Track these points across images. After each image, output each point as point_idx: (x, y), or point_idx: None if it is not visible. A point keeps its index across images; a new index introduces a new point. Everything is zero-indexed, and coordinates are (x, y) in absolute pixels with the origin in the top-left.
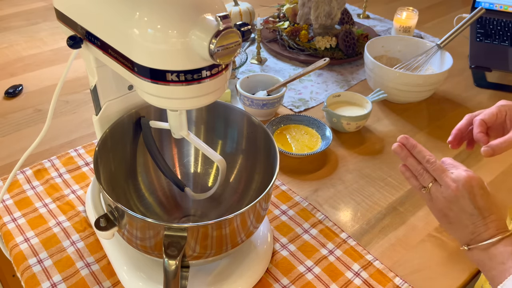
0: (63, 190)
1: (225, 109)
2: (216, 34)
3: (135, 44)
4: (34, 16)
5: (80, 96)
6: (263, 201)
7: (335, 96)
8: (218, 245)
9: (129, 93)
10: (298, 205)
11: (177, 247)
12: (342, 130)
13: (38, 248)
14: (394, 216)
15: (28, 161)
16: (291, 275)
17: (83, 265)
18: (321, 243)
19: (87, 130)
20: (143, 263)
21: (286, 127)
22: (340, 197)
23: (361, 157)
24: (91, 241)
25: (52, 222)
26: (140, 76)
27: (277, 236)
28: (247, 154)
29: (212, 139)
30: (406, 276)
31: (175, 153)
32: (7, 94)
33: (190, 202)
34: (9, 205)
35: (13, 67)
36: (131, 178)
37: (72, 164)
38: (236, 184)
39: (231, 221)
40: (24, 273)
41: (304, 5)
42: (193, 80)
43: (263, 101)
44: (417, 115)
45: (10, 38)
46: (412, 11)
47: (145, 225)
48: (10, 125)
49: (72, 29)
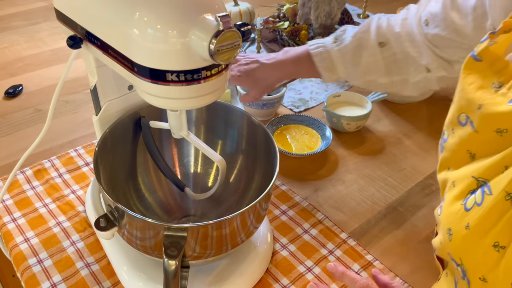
0: (63, 190)
1: (225, 109)
2: (216, 34)
3: (135, 44)
4: (34, 16)
5: (80, 96)
6: (263, 201)
7: (335, 96)
8: (218, 245)
9: (129, 93)
10: (298, 205)
11: (177, 247)
12: (342, 130)
13: (38, 248)
14: (394, 216)
15: (28, 161)
16: (291, 275)
17: (83, 265)
18: (321, 243)
19: (87, 130)
20: (143, 263)
21: (286, 127)
22: (340, 197)
23: (361, 157)
24: (91, 241)
25: (52, 222)
26: (140, 76)
27: (277, 236)
28: (247, 154)
29: (212, 139)
30: (406, 276)
31: (175, 153)
32: (7, 94)
33: (190, 202)
34: (9, 205)
35: (13, 67)
36: (131, 178)
37: (72, 164)
38: (236, 184)
39: (231, 221)
40: (24, 273)
41: (304, 5)
42: (193, 80)
43: (263, 101)
44: (417, 115)
45: (10, 38)
46: None
47: (145, 225)
48: (10, 125)
49: (72, 29)
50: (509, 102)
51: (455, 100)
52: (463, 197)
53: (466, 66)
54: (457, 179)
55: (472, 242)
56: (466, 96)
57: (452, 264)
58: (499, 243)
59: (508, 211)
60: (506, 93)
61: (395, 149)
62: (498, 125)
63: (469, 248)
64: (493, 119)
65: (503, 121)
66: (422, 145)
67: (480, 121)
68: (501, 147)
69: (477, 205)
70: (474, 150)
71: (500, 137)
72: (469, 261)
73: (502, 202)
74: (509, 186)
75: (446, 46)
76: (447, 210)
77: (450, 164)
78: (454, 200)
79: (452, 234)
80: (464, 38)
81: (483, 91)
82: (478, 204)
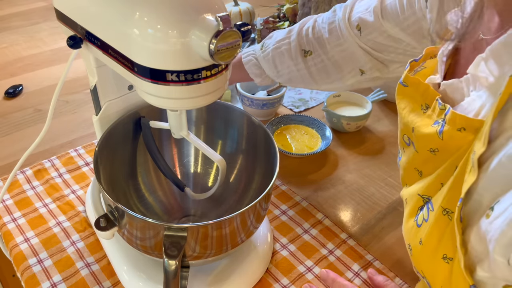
0: (63, 190)
1: (225, 109)
2: (216, 34)
3: (135, 44)
4: (34, 16)
5: (80, 96)
6: (263, 201)
7: (335, 96)
8: (218, 245)
9: (129, 93)
10: (298, 205)
11: (177, 247)
12: (342, 130)
13: (38, 248)
14: (394, 216)
15: (28, 161)
16: (291, 275)
17: (83, 265)
18: (321, 243)
19: (87, 130)
20: (143, 263)
21: (286, 127)
22: (340, 197)
23: (361, 157)
24: (91, 241)
25: (52, 222)
26: (140, 76)
27: (277, 236)
28: (247, 154)
29: (212, 139)
30: (406, 276)
31: (175, 153)
32: (7, 94)
33: (190, 202)
34: (9, 205)
35: (13, 67)
36: (131, 178)
37: (72, 164)
38: (236, 184)
39: (231, 221)
40: (24, 273)
41: (304, 5)
42: (193, 80)
43: (263, 101)
44: None
45: (10, 38)
46: None
47: (145, 225)
48: (10, 125)
49: (72, 29)
50: (434, 124)
51: (398, 122)
52: (415, 214)
53: (398, 92)
54: (408, 197)
55: (427, 256)
56: (402, 120)
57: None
58: (447, 255)
59: (447, 225)
60: (431, 115)
61: (395, 149)
62: (430, 145)
63: (426, 262)
64: (425, 140)
65: (432, 141)
66: None
67: (416, 142)
68: (436, 165)
69: (425, 221)
70: (419, 168)
71: (434, 156)
72: (428, 274)
73: (441, 217)
74: (444, 202)
75: (381, 50)
76: (405, 227)
77: (406, 181)
78: (408, 217)
79: (412, 249)
80: (399, 43)
81: (414, 114)
82: (425, 220)
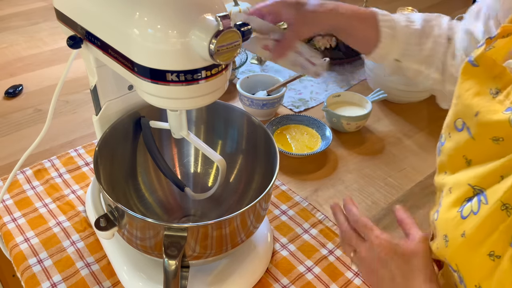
0: (63, 190)
1: (225, 109)
2: (216, 34)
3: (135, 44)
4: (34, 16)
5: (80, 96)
6: (263, 201)
7: (335, 96)
8: (218, 245)
9: (129, 93)
10: (298, 205)
11: (177, 247)
12: (342, 130)
13: (38, 248)
14: (394, 216)
15: (28, 161)
16: (291, 275)
17: (83, 265)
18: (321, 243)
19: (87, 130)
20: (143, 263)
21: (286, 127)
22: (340, 197)
23: (361, 157)
24: (91, 241)
25: (52, 222)
26: (140, 76)
27: (277, 236)
28: (247, 154)
29: (212, 139)
30: None
31: (175, 153)
32: (7, 94)
33: (190, 202)
34: (9, 205)
35: (13, 67)
36: (131, 178)
37: (72, 164)
38: (236, 184)
39: (231, 221)
40: (24, 273)
41: None
42: (193, 80)
43: (263, 101)
44: (417, 115)
45: (10, 38)
46: (412, 11)
47: (145, 225)
48: (10, 125)
49: (72, 29)
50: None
51: (453, 104)
52: (459, 204)
53: (464, 71)
54: (454, 186)
55: (468, 250)
56: (463, 102)
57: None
58: (495, 253)
59: (503, 221)
60: (503, 101)
61: (395, 149)
62: (494, 133)
63: (465, 256)
64: (490, 127)
65: (499, 129)
66: (422, 145)
67: (477, 128)
68: (497, 155)
69: (473, 213)
70: (470, 156)
71: (497, 145)
72: (465, 268)
73: (497, 212)
74: (504, 197)
75: None
76: (444, 216)
77: (447, 168)
78: (450, 206)
79: (449, 240)
80: None
81: (480, 97)
82: (474, 213)
